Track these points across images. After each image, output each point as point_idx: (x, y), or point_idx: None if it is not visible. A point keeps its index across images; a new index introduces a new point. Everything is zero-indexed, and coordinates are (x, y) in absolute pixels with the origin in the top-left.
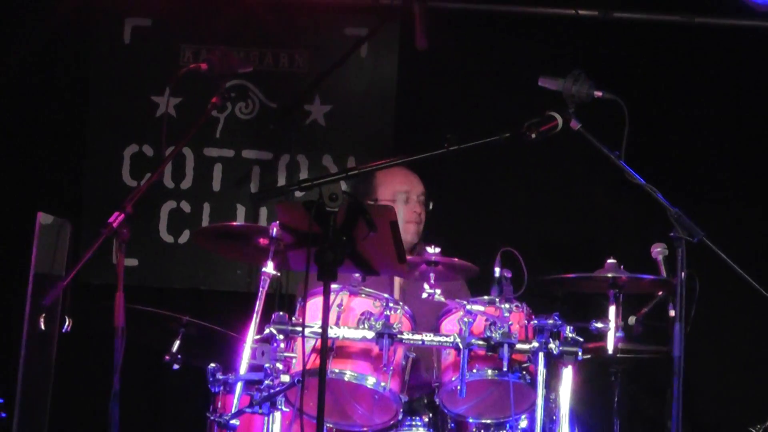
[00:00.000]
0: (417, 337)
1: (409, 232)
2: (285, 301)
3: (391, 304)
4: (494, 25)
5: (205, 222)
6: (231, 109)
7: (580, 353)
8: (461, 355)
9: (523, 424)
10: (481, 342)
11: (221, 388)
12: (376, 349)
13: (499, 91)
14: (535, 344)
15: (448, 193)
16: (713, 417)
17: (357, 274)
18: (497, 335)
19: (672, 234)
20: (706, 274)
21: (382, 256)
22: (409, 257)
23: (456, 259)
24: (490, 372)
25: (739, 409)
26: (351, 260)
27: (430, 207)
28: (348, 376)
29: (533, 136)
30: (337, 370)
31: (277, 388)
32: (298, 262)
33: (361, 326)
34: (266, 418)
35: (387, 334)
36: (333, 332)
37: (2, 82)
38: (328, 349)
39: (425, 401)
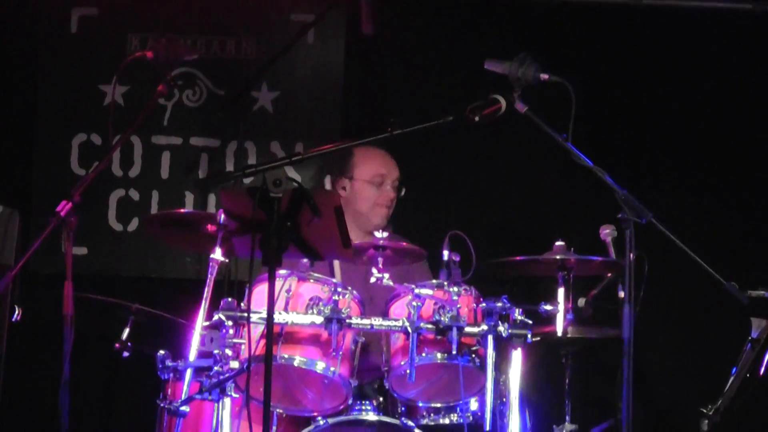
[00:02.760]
0: (366, 321)
1: (378, 215)
2: (234, 288)
3: (339, 289)
4: (440, 9)
5: (153, 210)
6: (178, 97)
7: (529, 336)
8: (410, 339)
9: (474, 406)
10: (429, 326)
11: (171, 375)
12: (325, 334)
13: (446, 75)
14: (484, 327)
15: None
16: (664, 398)
17: (305, 260)
18: (446, 319)
19: (620, 215)
20: (655, 255)
21: (327, 242)
22: (356, 242)
23: (404, 243)
24: (439, 356)
25: (691, 389)
26: (296, 246)
27: (402, 193)
28: (297, 361)
29: (476, 119)
30: (286, 356)
31: (227, 375)
32: (243, 249)
33: (309, 311)
34: (216, 405)
35: (336, 319)
36: (282, 318)
37: None
38: (276, 334)
39: (375, 386)
